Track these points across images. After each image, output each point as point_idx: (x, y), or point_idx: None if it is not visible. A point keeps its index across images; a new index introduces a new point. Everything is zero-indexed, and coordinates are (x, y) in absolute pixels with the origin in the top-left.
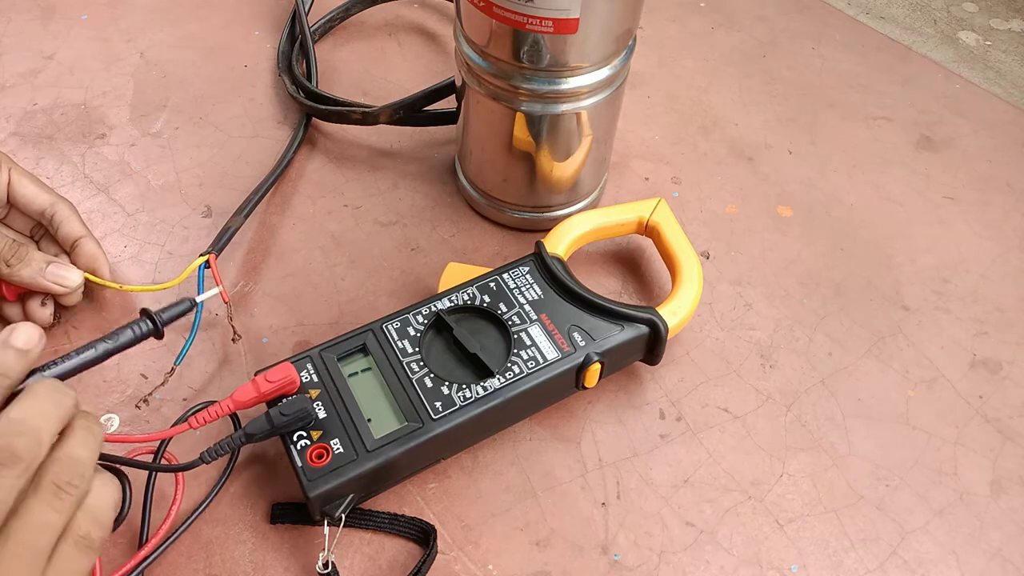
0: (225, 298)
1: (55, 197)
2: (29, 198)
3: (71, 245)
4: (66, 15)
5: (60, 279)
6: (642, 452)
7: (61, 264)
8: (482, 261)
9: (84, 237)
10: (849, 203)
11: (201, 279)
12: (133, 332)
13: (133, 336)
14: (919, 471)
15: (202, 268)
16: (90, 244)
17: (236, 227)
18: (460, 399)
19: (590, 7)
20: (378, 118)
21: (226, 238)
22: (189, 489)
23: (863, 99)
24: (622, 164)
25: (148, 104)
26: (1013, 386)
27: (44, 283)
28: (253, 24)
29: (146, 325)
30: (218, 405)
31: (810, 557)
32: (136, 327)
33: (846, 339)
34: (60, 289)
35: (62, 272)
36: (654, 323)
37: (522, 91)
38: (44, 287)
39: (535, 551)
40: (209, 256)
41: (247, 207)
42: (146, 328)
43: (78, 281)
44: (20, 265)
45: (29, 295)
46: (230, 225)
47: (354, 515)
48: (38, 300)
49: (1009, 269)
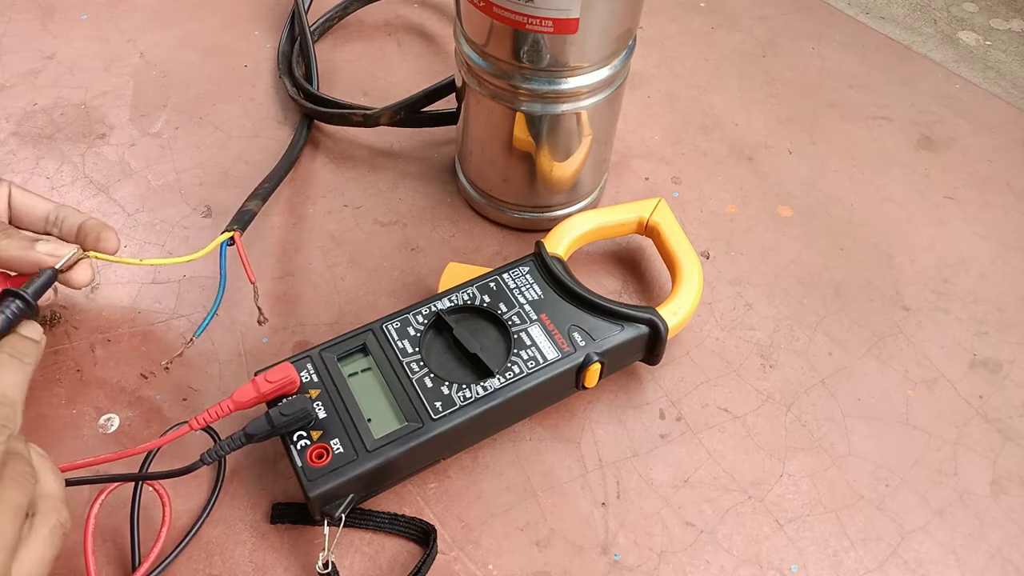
0: (251, 278)
1: (57, 204)
2: (31, 206)
3: (76, 231)
4: (66, 15)
5: (52, 250)
6: (642, 452)
7: (52, 241)
8: (482, 261)
9: (87, 219)
10: (849, 203)
11: (223, 257)
12: (6, 315)
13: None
14: (919, 471)
15: (224, 245)
16: (93, 221)
17: (255, 210)
18: (460, 399)
19: (590, 7)
20: (379, 120)
21: (247, 218)
22: (188, 489)
23: (863, 99)
24: (622, 164)
25: (148, 104)
26: (1013, 386)
27: (35, 255)
28: (253, 24)
29: (16, 305)
30: (218, 405)
31: (810, 557)
32: (7, 309)
33: (846, 339)
34: (53, 260)
35: (53, 246)
36: (654, 323)
37: (522, 91)
38: (35, 260)
39: (535, 551)
40: (235, 232)
41: (261, 192)
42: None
43: (71, 252)
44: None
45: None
46: (248, 207)
47: (354, 515)
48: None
49: (1009, 269)
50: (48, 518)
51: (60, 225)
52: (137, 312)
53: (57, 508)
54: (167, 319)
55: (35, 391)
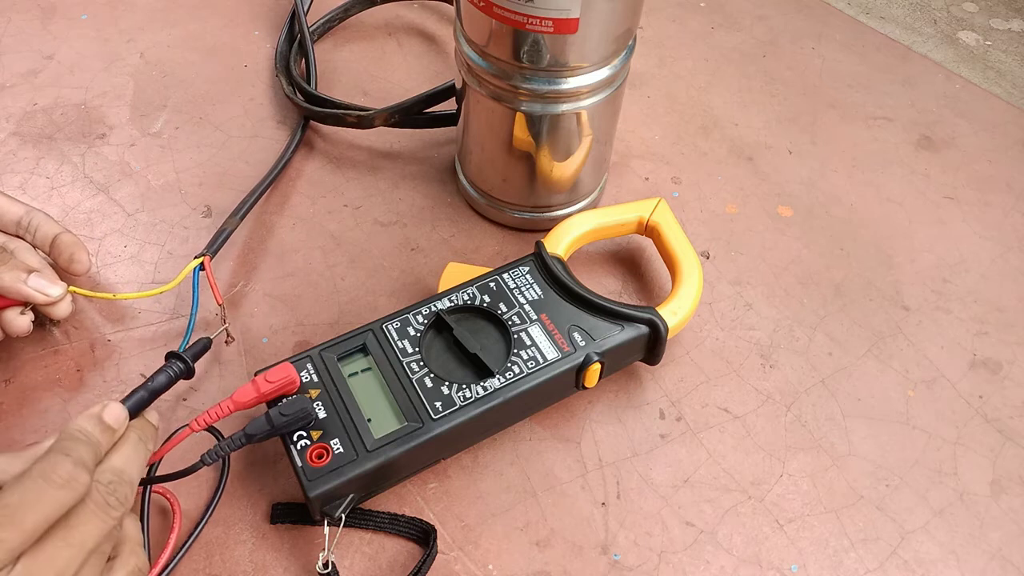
0: (219, 300)
1: (29, 207)
2: (3, 209)
3: (50, 243)
4: (66, 15)
5: (43, 288)
6: (642, 452)
7: (44, 275)
8: (482, 261)
9: (62, 233)
10: (849, 203)
11: (196, 281)
12: (169, 375)
13: (169, 378)
14: (919, 471)
15: (196, 270)
16: (68, 236)
17: (232, 229)
18: (460, 399)
19: (590, 7)
20: (373, 122)
21: (221, 240)
22: (188, 489)
23: (863, 99)
24: (622, 164)
25: (148, 104)
26: (1013, 386)
27: (26, 290)
28: (253, 24)
29: (177, 367)
30: (218, 406)
31: (810, 557)
32: (170, 369)
33: (846, 339)
34: (42, 298)
35: (44, 282)
36: (654, 323)
37: (522, 91)
38: (26, 295)
39: (535, 551)
40: (204, 259)
41: (243, 208)
42: (178, 369)
43: (60, 293)
44: (2, 269)
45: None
46: (226, 227)
47: (354, 515)
48: (16, 310)
49: (1009, 269)
50: (127, 561)
51: (33, 232)
52: (137, 312)
53: (136, 552)
54: (167, 319)
55: (35, 391)
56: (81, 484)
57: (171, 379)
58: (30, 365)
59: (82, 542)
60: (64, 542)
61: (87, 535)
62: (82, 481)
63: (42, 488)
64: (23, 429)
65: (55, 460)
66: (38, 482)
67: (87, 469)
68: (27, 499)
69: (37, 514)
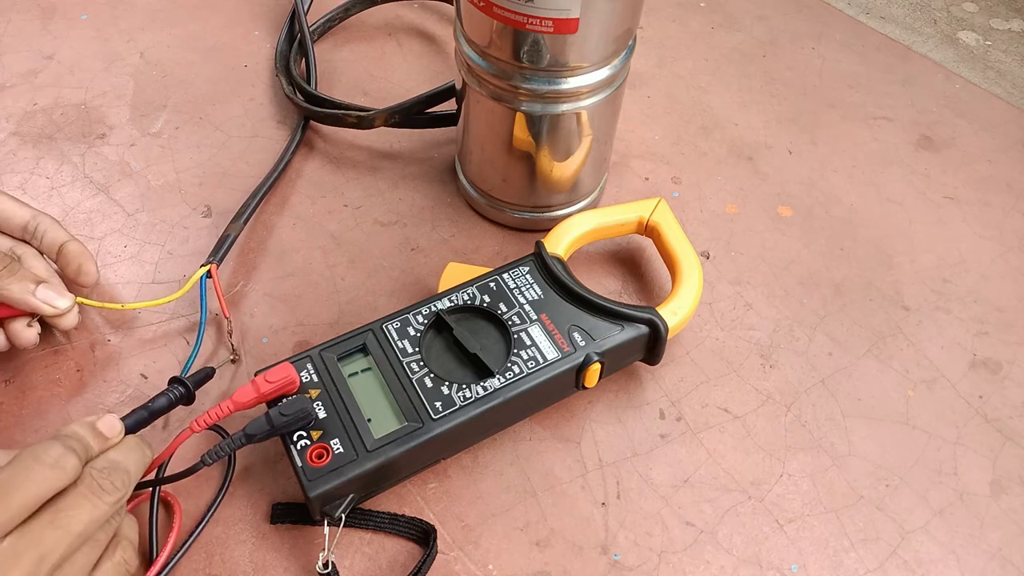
0: (226, 313)
1: (36, 211)
2: (10, 212)
3: (57, 251)
4: (66, 15)
5: (50, 300)
6: (642, 452)
7: (52, 287)
8: (482, 261)
9: (69, 241)
10: (849, 203)
11: (204, 291)
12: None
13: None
14: (919, 471)
15: (204, 279)
16: (75, 245)
17: (236, 234)
18: (460, 399)
19: (590, 7)
20: (373, 122)
21: (226, 246)
22: (188, 489)
23: (863, 99)
24: (622, 164)
25: (148, 104)
26: (1013, 386)
27: (34, 302)
28: (253, 24)
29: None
30: (218, 406)
31: (810, 557)
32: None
33: (846, 339)
34: (50, 310)
35: (52, 294)
36: (654, 323)
37: (522, 91)
38: (34, 307)
39: (535, 551)
40: (211, 267)
41: (245, 212)
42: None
43: (68, 305)
44: (11, 280)
45: (15, 317)
46: (229, 232)
47: (354, 515)
48: (24, 321)
49: (1009, 269)
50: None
51: (40, 238)
52: (137, 312)
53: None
54: (167, 319)
55: (35, 391)
56: (70, 466)
57: (171, 403)
58: (30, 365)
59: (69, 525)
60: (51, 524)
61: (76, 519)
62: (71, 463)
63: (31, 467)
64: (23, 429)
65: (46, 443)
66: (27, 461)
67: (77, 455)
68: (16, 478)
69: (25, 492)
